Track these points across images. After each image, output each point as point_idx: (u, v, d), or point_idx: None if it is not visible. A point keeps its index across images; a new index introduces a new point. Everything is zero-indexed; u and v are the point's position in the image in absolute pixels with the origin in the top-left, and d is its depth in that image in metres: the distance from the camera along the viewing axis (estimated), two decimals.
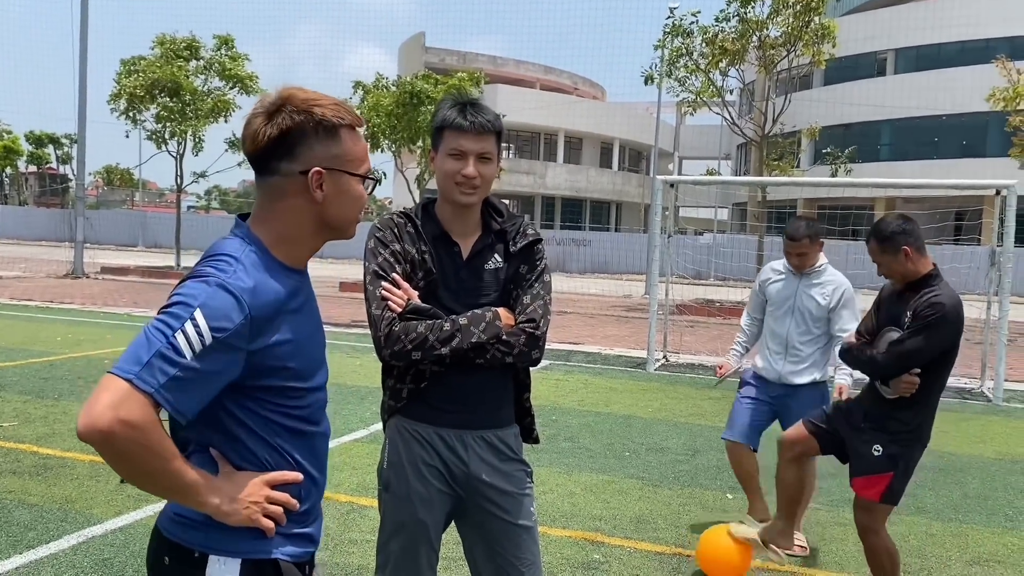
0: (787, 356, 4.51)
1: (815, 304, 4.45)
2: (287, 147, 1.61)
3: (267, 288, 1.58)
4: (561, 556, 4.25)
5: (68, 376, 8.34)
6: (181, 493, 1.55)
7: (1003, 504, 5.48)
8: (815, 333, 4.48)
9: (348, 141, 1.66)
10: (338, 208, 1.67)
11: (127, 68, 22.42)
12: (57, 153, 59.24)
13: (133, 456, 1.46)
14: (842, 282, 4.48)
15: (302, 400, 1.68)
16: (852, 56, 38.21)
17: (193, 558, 1.61)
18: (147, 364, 1.44)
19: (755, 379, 4.67)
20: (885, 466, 3.51)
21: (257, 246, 1.63)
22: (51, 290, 18.22)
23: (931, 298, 3.40)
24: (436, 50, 49.50)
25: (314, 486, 1.74)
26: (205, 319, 1.48)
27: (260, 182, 1.66)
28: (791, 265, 4.53)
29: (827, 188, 19.52)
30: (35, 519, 4.44)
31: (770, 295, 4.64)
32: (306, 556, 1.73)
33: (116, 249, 36.39)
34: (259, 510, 1.60)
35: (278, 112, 1.61)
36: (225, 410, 1.60)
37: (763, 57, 19.32)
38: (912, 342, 3.38)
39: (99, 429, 1.41)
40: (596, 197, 52.81)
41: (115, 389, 1.43)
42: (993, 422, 8.20)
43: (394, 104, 19.39)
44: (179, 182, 24.09)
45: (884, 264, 3.54)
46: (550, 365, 10.58)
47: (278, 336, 1.59)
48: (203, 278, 1.54)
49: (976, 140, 37.38)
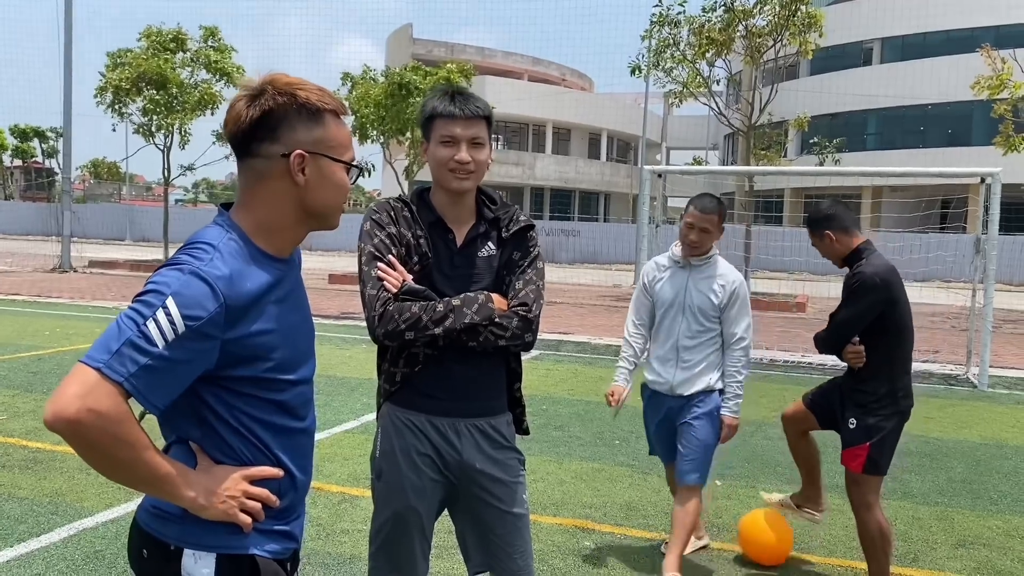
0: (678, 363, 3.85)
1: (707, 300, 3.82)
2: (269, 128, 1.58)
3: (244, 277, 1.54)
4: (552, 543, 4.28)
5: (57, 370, 8.30)
6: (155, 485, 1.52)
7: (988, 488, 5.55)
8: (709, 334, 3.84)
9: (332, 126, 1.63)
10: (320, 194, 1.64)
11: (113, 61, 22.25)
12: (43, 147, 58.75)
13: (102, 446, 1.43)
14: (736, 277, 3.88)
15: (284, 393, 1.64)
16: (838, 46, 38.30)
17: (169, 551, 1.59)
18: (117, 353, 1.42)
19: (650, 397, 4.04)
20: (861, 437, 3.64)
21: (238, 234, 1.60)
22: (38, 284, 18.12)
23: (854, 270, 3.71)
24: (424, 41, 49.30)
25: (294, 483, 1.70)
26: (177, 307, 1.45)
27: (242, 166, 1.63)
28: (687, 242, 3.83)
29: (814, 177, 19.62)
30: (25, 512, 4.43)
31: (658, 295, 3.96)
32: (286, 553, 1.69)
33: (104, 243, 36.16)
34: (236, 505, 1.57)
35: (261, 94, 1.59)
36: (203, 402, 1.57)
37: (750, 47, 19.34)
38: (842, 313, 3.68)
39: (66, 418, 1.38)
40: (585, 188, 52.82)
41: (83, 378, 1.40)
42: (978, 408, 8.29)
43: (382, 95, 19.34)
44: (166, 175, 23.94)
45: (820, 249, 3.86)
46: (540, 355, 10.62)
47: (257, 326, 1.56)
48: (178, 266, 1.51)
49: (961, 129, 37.57)
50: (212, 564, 1.58)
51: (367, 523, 4.40)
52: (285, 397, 1.65)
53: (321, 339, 10.84)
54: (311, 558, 3.93)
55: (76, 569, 3.77)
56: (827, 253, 3.82)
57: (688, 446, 3.80)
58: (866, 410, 3.65)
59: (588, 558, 4.11)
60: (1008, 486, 5.60)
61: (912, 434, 6.97)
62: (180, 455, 1.61)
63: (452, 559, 3.93)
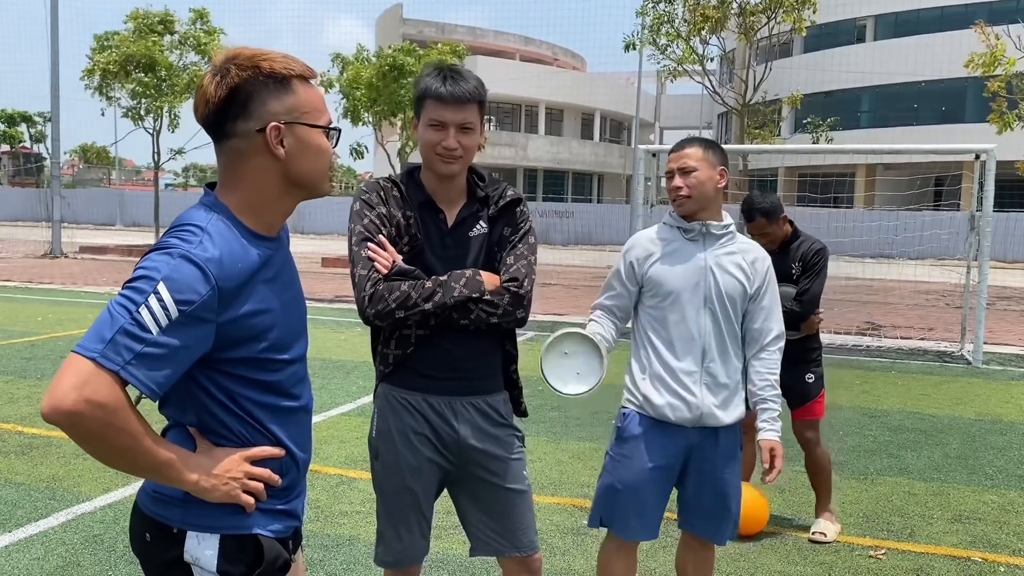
0: (704, 379, 2.73)
1: (737, 286, 2.75)
2: (240, 105, 1.54)
3: (235, 257, 1.52)
4: (551, 523, 4.29)
5: (51, 356, 8.27)
6: (157, 471, 1.51)
7: (983, 463, 5.58)
8: (736, 334, 2.81)
9: (302, 92, 1.59)
10: (303, 163, 1.59)
11: (100, 44, 22.03)
12: (30, 132, 58.29)
13: (102, 436, 1.42)
14: (762, 252, 2.88)
15: (279, 373, 1.63)
16: (832, 23, 38.17)
17: (172, 534, 1.58)
18: (111, 341, 1.39)
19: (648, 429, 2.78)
20: (820, 386, 4.23)
21: (224, 214, 1.56)
22: (29, 270, 18.03)
23: (812, 246, 4.15)
24: (414, 22, 48.94)
25: (295, 461, 1.69)
26: (169, 292, 1.42)
27: (219, 148, 1.59)
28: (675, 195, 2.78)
29: (808, 156, 19.58)
30: (22, 498, 4.42)
31: (656, 281, 2.77)
32: (288, 532, 1.69)
33: (94, 228, 36.00)
34: (239, 486, 1.57)
35: (226, 72, 1.54)
36: (199, 386, 1.56)
37: (744, 24, 19.25)
38: (816, 286, 4.10)
39: (64, 410, 1.37)
40: (578, 168, 52.71)
41: (79, 369, 1.38)
42: (973, 384, 8.32)
43: (374, 77, 19.21)
44: (156, 159, 23.79)
45: (771, 234, 4.10)
46: (535, 336, 10.61)
47: (249, 306, 1.54)
48: (167, 250, 1.48)
49: (955, 106, 37.54)
50: (216, 545, 1.58)
51: (364, 504, 4.42)
52: (280, 377, 1.63)
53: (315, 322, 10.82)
54: (310, 540, 3.93)
55: (75, 553, 3.76)
56: (777, 237, 4.13)
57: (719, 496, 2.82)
58: (816, 363, 4.24)
59: (587, 537, 4.11)
60: (1003, 461, 5.63)
61: (908, 411, 7.02)
62: (179, 439, 1.60)
63: (453, 539, 3.94)
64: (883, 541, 4.19)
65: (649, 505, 2.81)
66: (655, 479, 2.78)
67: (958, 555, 4.05)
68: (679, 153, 2.80)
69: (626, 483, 2.79)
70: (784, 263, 4.07)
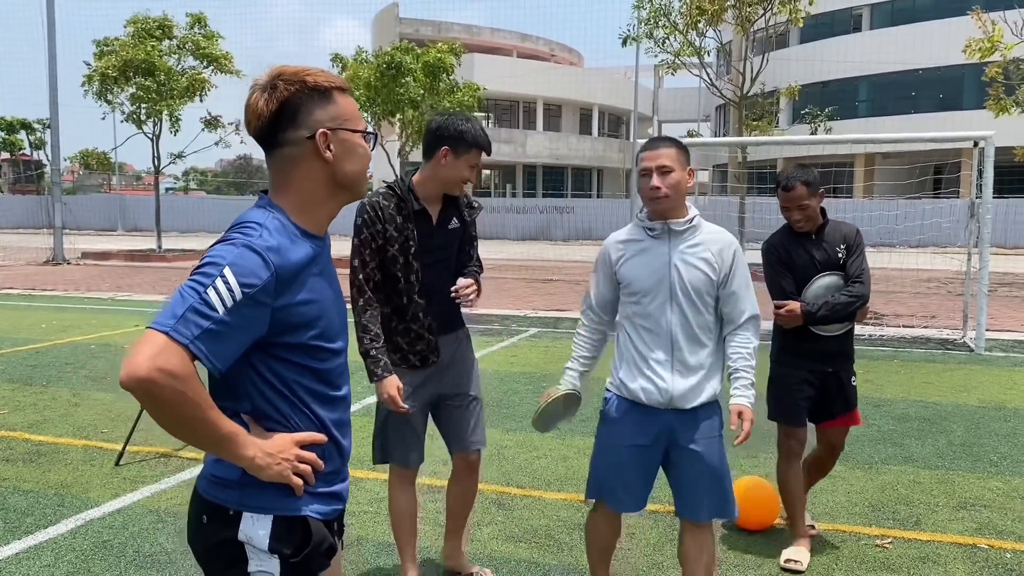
0: (675, 365, 2.91)
1: (701, 277, 2.89)
2: (290, 116, 1.72)
3: (290, 249, 1.68)
4: (557, 518, 4.31)
5: (55, 363, 8.30)
6: (218, 443, 1.63)
7: (987, 450, 5.59)
8: (707, 322, 2.94)
9: (342, 101, 1.77)
10: (348, 164, 1.77)
11: (100, 49, 22.05)
12: (30, 139, 58.25)
13: (172, 404, 1.54)
14: (729, 239, 2.97)
15: (328, 362, 1.77)
16: (828, 13, 38.12)
17: (228, 516, 1.71)
18: (182, 318, 1.54)
19: (626, 411, 3.01)
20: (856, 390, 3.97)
21: (280, 213, 1.73)
22: (32, 277, 18.06)
23: (850, 227, 3.83)
24: (410, 20, 48.88)
25: (338, 447, 1.83)
26: (234, 276, 1.58)
27: (271, 157, 1.76)
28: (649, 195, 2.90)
29: (807, 147, 19.56)
30: (32, 505, 4.44)
31: (629, 279, 2.97)
32: (334, 514, 1.83)
33: (96, 234, 36.06)
34: (290, 467, 1.69)
35: (274, 88, 1.71)
36: (256, 372, 1.70)
37: (740, 16, 19.23)
38: (867, 267, 3.75)
39: (139, 378, 1.50)
40: (577, 164, 52.68)
41: (153, 341, 1.53)
42: (976, 371, 8.33)
43: (373, 76, 19.20)
44: (156, 164, 23.80)
45: (808, 207, 3.73)
46: (538, 332, 10.64)
47: (302, 295, 1.69)
48: (231, 242, 1.65)
49: (953, 93, 37.49)
50: (268, 525, 1.71)
51: (372, 504, 4.44)
52: (329, 366, 1.78)
53: None
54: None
55: (85, 559, 3.78)
56: (812, 214, 3.77)
57: (702, 474, 2.97)
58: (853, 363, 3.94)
59: None
60: (1007, 447, 5.65)
61: (911, 399, 7.03)
62: None
63: None
64: (889, 530, 4.21)
65: (635, 480, 3.02)
66: (637, 455, 2.99)
67: (964, 542, 4.06)
68: (655, 152, 2.89)
69: (611, 460, 3.04)
70: (826, 249, 3.78)
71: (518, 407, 6.70)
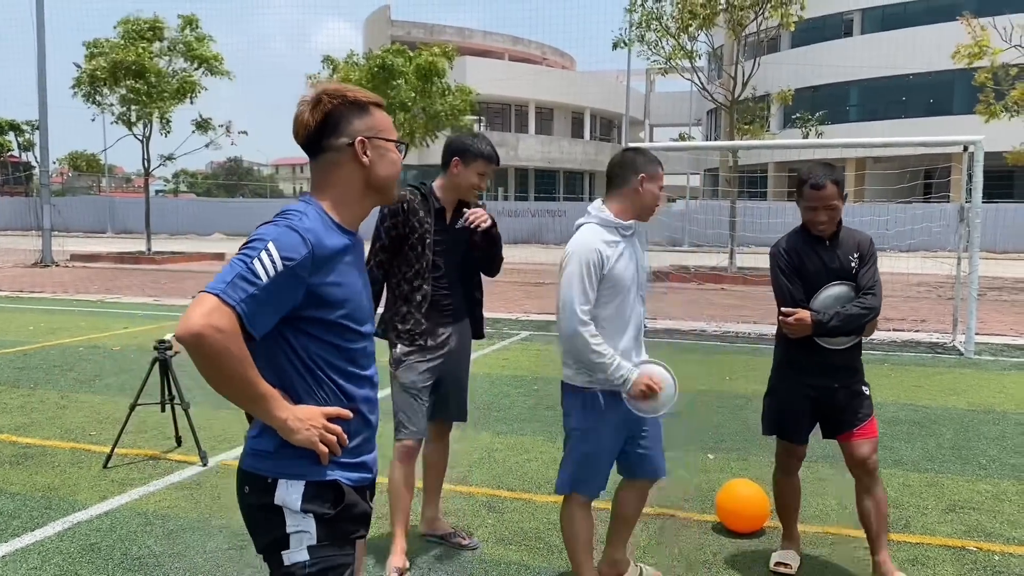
0: (640, 352, 3.36)
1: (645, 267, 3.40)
2: (332, 126, 1.98)
3: (325, 235, 1.91)
4: (548, 521, 4.30)
5: (43, 365, 8.25)
6: (255, 401, 1.83)
7: (976, 453, 5.61)
8: None
9: (378, 114, 2.04)
10: (382, 169, 2.03)
11: (90, 50, 21.95)
12: (18, 140, 57.92)
13: (219, 357, 1.74)
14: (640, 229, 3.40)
15: (356, 343, 1.99)
16: (819, 17, 38.21)
17: (266, 483, 1.92)
18: (231, 282, 1.77)
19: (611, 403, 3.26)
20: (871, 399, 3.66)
21: (319, 207, 1.97)
22: (20, 279, 17.95)
23: (864, 235, 3.62)
24: (402, 23, 48.89)
25: (366, 422, 2.04)
26: (277, 250, 1.81)
27: (315, 162, 2.01)
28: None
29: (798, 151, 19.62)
30: (18, 508, 4.41)
31: (617, 280, 3.18)
32: (363, 482, 2.04)
33: (85, 236, 35.86)
34: (318, 434, 1.89)
35: (319, 101, 1.97)
36: (288, 345, 1.91)
37: (732, 20, 19.29)
38: (879, 278, 3.54)
39: (193, 331, 1.72)
40: (569, 167, 52.74)
41: (206, 301, 1.75)
42: (965, 375, 8.37)
43: (364, 78, 19.19)
44: (146, 166, 23.69)
45: (835, 208, 3.49)
46: (530, 335, 10.63)
47: (333, 277, 1.91)
48: (274, 223, 1.89)
49: (943, 98, 37.69)
50: (301, 489, 1.91)
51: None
52: (355, 346, 1.99)
53: None
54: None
55: (72, 562, 3.75)
56: (836, 216, 3.52)
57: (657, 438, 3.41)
58: (863, 374, 3.67)
59: None
60: (996, 451, 5.67)
61: (901, 402, 7.05)
62: None
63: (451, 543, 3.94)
64: None
65: (608, 464, 3.37)
66: (617, 442, 3.32)
67: (953, 545, 4.08)
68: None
69: (591, 451, 3.29)
70: (839, 256, 3.54)
71: (508, 410, 6.70)
